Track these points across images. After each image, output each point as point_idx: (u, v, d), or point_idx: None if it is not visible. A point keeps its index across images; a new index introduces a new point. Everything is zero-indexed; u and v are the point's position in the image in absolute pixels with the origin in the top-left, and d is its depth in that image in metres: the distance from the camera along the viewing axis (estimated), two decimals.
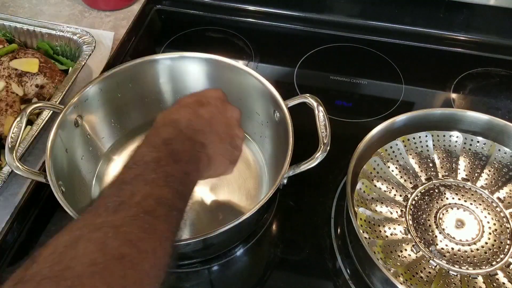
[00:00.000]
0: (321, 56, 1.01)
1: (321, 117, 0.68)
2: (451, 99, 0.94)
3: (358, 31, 1.05)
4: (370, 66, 0.99)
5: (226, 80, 0.80)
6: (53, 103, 0.73)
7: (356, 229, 0.64)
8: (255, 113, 0.79)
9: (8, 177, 0.73)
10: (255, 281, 0.70)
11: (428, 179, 0.76)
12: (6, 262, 0.71)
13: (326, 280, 0.70)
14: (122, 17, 1.06)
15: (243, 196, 0.76)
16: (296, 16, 1.07)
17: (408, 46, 1.03)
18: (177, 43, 1.03)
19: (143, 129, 0.84)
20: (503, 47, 1.02)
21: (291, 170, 0.65)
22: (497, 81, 0.97)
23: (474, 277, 0.66)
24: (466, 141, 0.78)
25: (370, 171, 0.75)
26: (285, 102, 0.71)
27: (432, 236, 0.70)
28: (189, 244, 0.60)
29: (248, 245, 0.73)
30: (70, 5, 1.09)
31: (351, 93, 0.94)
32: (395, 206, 0.73)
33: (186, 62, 0.79)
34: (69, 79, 0.83)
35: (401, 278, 0.65)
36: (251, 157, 0.81)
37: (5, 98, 0.83)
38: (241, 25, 1.07)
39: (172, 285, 0.70)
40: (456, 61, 1.00)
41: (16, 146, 0.65)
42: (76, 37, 0.90)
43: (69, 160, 0.73)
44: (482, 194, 0.74)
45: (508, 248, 0.69)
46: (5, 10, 1.06)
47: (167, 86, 0.82)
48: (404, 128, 0.77)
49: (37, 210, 0.76)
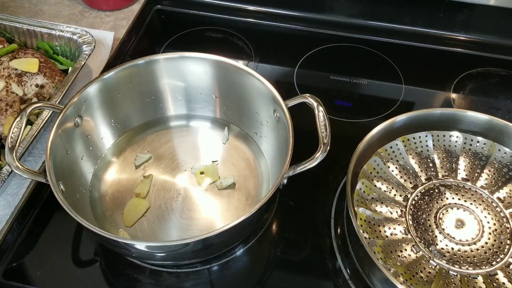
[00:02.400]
0: (321, 56, 1.01)
1: (321, 117, 0.68)
2: (451, 99, 0.94)
3: (358, 31, 1.05)
4: (370, 66, 0.99)
5: (226, 80, 0.80)
6: (53, 103, 0.73)
7: (356, 229, 0.64)
8: (255, 113, 0.79)
9: (8, 177, 0.73)
10: (255, 281, 0.70)
11: (428, 179, 0.76)
12: (6, 262, 0.71)
13: (326, 280, 0.70)
14: (122, 17, 1.07)
15: (243, 196, 0.76)
16: (296, 16, 1.07)
17: (408, 46, 1.03)
18: (177, 43, 1.03)
19: (143, 129, 0.85)
20: (503, 47, 1.02)
21: (291, 170, 0.65)
22: (497, 81, 0.97)
23: (474, 277, 0.66)
24: (466, 141, 0.78)
25: (370, 171, 0.75)
26: (285, 102, 0.71)
27: (432, 236, 0.70)
28: (189, 244, 0.60)
29: (248, 245, 0.73)
30: (70, 5, 1.09)
31: (351, 93, 0.94)
32: (395, 206, 0.73)
33: (186, 62, 0.79)
34: (69, 79, 0.83)
35: (401, 278, 0.65)
36: (251, 157, 0.81)
37: (5, 98, 0.83)
38: (241, 25, 1.07)
39: (172, 285, 0.70)
40: (456, 61, 1.00)
41: (16, 146, 0.65)
42: (76, 37, 0.90)
43: (69, 160, 0.73)
44: (482, 194, 0.74)
45: (508, 248, 0.69)
46: (5, 10, 1.06)
47: (167, 86, 0.83)
48: (404, 128, 0.77)
49: (37, 210, 0.76)
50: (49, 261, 0.71)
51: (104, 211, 0.75)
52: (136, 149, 0.82)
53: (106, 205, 0.75)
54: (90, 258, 0.72)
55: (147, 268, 0.71)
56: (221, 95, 0.83)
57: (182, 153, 0.82)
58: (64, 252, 0.72)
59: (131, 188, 0.77)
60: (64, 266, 0.71)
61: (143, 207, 0.75)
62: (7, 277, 0.70)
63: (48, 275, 0.70)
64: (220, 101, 0.84)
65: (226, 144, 0.83)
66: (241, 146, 0.82)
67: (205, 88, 0.82)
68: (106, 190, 0.77)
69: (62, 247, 0.72)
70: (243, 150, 0.82)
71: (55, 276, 0.70)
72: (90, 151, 0.78)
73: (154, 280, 0.70)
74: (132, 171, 0.79)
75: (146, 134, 0.84)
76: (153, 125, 0.85)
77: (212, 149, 0.82)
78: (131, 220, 0.73)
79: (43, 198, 0.77)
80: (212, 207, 0.75)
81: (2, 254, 0.71)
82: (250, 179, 0.78)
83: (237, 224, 0.60)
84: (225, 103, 0.83)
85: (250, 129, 0.83)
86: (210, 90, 0.83)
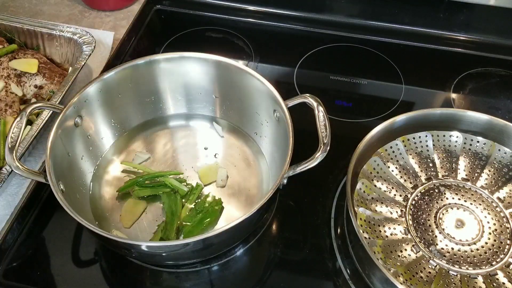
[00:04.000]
0: (321, 56, 1.01)
1: (321, 117, 0.68)
2: (451, 99, 0.94)
3: (358, 31, 1.05)
4: (370, 66, 0.99)
5: (226, 80, 0.80)
6: (53, 103, 0.73)
7: (356, 229, 0.64)
8: (255, 113, 0.79)
9: (8, 177, 0.73)
10: (255, 281, 0.70)
11: (428, 179, 0.76)
12: (6, 262, 0.71)
13: (326, 280, 0.70)
14: (122, 17, 1.07)
15: (243, 196, 0.76)
16: (296, 16, 1.07)
17: (408, 46, 1.03)
18: (177, 43, 1.03)
19: (143, 129, 0.85)
20: (503, 47, 1.02)
21: (291, 170, 0.65)
22: (497, 81, 0.97)
23: (474, 277, 0.66)
24: (466, 141, 0.78)
25: (370, 171, 0.75)
26: (285, 102, 0.71)
27: (432, 236, 0.70)
28: (189, 244, 0.60)
29: (248, 245, 0.73)
30: (70, 5, 1.09)
31: (351, 93, 0.94)
32: (395, 206, 0.73)
33: (186, 62, 0.79)
34: (69, 79, 0.83)
35: (401, 278, 0.65)
36: (251, 157, 0.81)
37: (4, 98, 0.83)
38: (241, 25, 1.07)
39: (172, 285, 0.70)
40: (456, 61, 1.00)
41: (16, 146, 0.65)
42: (76, 37, 0.90)
43: (69, 160, 0.73)
44: (482, 194, 0.74)
45: (508, 248, 0.69)
46: (5, 10, 1.06)
47: (167, 86, 0.83)
48: (404, 128, 0.77)
49: (37, 210, 0.76)
50: (49, 261, 0.71)
51: (104, 211, 0.75)
52: (136, 149, 0.82)
53: (106, 205, 0.75)
54: (90, 258, 0.72)
55: (147, 268, 0.71)
56: (221, 95, 0.83)
57: (182, 153, 0.82)
58: (64, 252, 0.72)
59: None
60: (64, 266, 0.71)
61: (140, 207, 0.74)
62: (7, 277, 0.70)
63: (48, 275, 0.70)
64: (220, 101, 0.84)
65: (226, 144, 0.83)
66: (241, 146, 0.82)
67: (205, 88, 0.82)
68: (106, 190, 0.77)
69: (62, 247, 0.72)
70: (243, 150, 0.82)
71: (55, 276, 0.70)
72: (90, 151, 0.78)
73: (154, 280, 0.70)
74: (132, 170, 0.79)
75: (146, 134, 0.84)
76: (153, 125, 0.85)
77: (212, 149, 0.82)
78: (129, 221, 0.73)
79: (43, 198, 0.77)
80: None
81: (2, 254, 0.71)
82: (250, 179, 0.78)
83: (237, 224, 0.60)
84: (225, 103, 0.83)
85: (250, 129, 0.83)
86: (210, 90, 0.83)
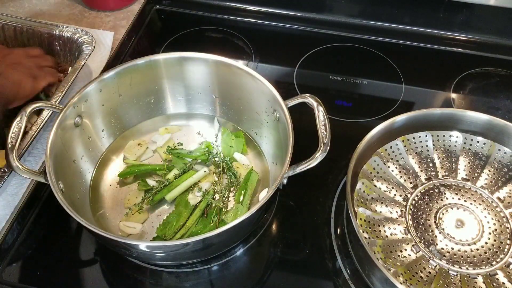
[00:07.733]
0: (321, 56, 1.01)
1: (321, 117, 0.68)
2: (451, 99, 0.94)
3: (358, 31, 1.05)
4: (370, 66, 0.99)
5: (226, 80, 0.80)
6: (53, 103, 0.73)
7: (356, 229, 0.64)
8: (255, 113, 0.79)
9: (8, 177, 0.73)
10: (255, 281, 0.70)
11: (428, 179, 0.76)
12: (6, 262, 0.71)
13: (326, 280, 0.70)
14: (122, 17, 1.06)
15: None
16: (296, 16, 1.07)
17: (408, 46, 1.03)
18: (177, 43, 1.03)
19: (143, 129, 0.85)
20: (503, 47, 1.02)
21: (291, 170, 0.65)
22: (497, 81, 0.97)
23: (474, 277, 0.66)
24: (466, 141, 0.78)
25: (370, 171, 0.75)
26: (285, 102, 0.71)
27: (432, 236, 0.70)
28: (189, 244, 0.60)
29: (248, 245, 0.73)
30: (70, 5, 1.09)
31: (351, 93, 0.94)
32: (395, 206, 0.73)
33: (186, 62, 0.79)
34: (69, 79, 0.83)
35: (401, 278, 0.65)
36: (251, 157, 0.81)
37: None
38: (241, 25, 1.07)
39: (172, 285, 0.70)
40: (456, 61, 1.01)
41: (16, 146, 0.65)
42: (76, 37, 0.90)
43: (69, 160, 0.73)
44: (482, 194, 0.74)
45: (508, 248, 0.69)
46: (5, 10, 1.06)
47: (167, 86, 0.83)
48: (404, 128, 0.77)
49: (37, 210, 0.76)
50: (49, 261, 0.71)
51: (104, 211, 0.75)
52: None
53: (106, 205, 0.75)
54: (90, 258, 0.72)
55: (147, 268, 0.71)
56: (221, 95, 0.83)
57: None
58: (64, 252, 0.72)
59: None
60: (64, 266, 0.71)
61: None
62: (7, 277, 0.70)
63: (48, 275, 0.70)
64: (220, 101, 0.84)
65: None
66: None
67: (205, 88, 0.82)
68: (106, 190, 0.77)
69: (62, 247, 0.72)
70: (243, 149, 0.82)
71: (55, 276, 0.70)
72: (90, 151, 0.78)
73: (154, 280, 0.70)
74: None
75: (146, 134, 0.84)
76: (153, 125, 0.85)
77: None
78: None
79: (43, 198, 0.77)
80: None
81: (2, 254, 0.71)
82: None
83: (237, 224, 0.60)
84: (225, 103, 0.83)
85: (250, 129, 0.83)
86: (210, 90, 0.83)
